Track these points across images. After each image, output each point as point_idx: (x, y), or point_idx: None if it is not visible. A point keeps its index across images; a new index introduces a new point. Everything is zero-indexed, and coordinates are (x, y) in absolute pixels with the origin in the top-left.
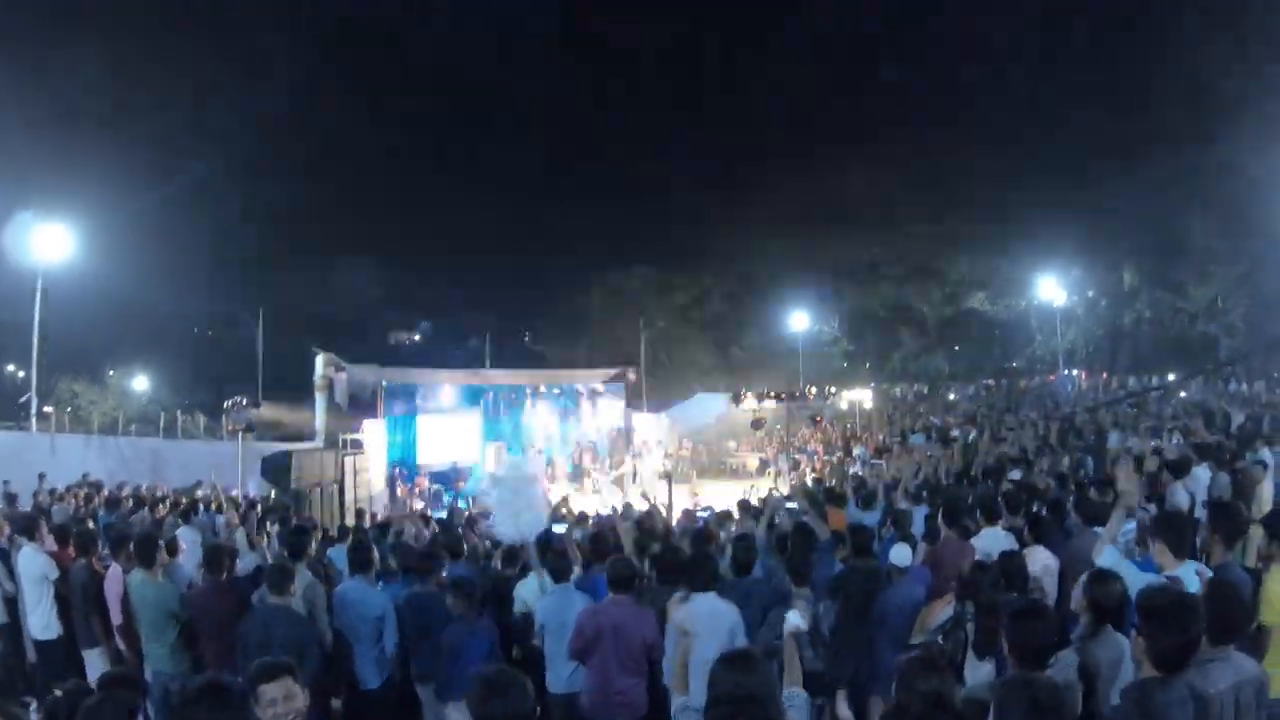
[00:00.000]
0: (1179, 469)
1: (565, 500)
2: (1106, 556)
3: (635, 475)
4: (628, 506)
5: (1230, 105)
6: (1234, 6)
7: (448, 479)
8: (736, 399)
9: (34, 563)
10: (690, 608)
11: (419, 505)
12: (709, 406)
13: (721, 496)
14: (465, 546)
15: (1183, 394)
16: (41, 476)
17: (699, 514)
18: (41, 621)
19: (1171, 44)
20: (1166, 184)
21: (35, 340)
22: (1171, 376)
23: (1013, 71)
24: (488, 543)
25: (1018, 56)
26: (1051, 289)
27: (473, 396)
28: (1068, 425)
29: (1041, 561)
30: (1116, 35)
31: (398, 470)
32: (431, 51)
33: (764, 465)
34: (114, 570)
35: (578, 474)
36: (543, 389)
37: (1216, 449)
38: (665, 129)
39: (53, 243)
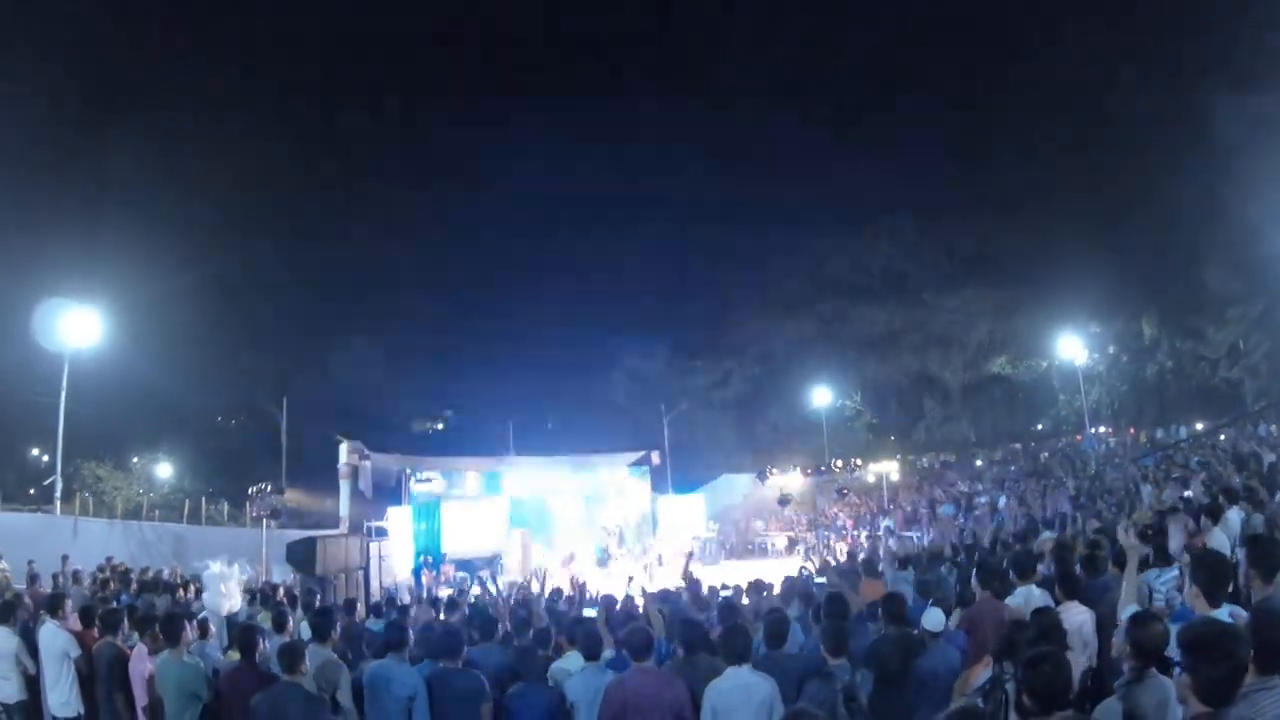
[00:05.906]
0: (1213, 514)
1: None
2: (1129, 612)
3: (662, 559)
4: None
5: (1233, 143)
6: (1234, 48)
7: (474, 567)
8: (762, 476)
9: (56, 639)
10: (723, 683)
11: (447, 593)
12: (735, 487)
13: (751, 577)
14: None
15: (1223, 437)
16: (65, 558)
17: (723, 592)
18: (62, 699)
19: (1173, 87)
20: (1176, 229)
21: (61, 423)
22: (1200, 425)
23: (1022, 138)
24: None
25: (1027, 126)
26: (1072, 348)
27: (497, 484)
28: (1098, 484)
29: (1077, 617)
30: (1117, 85)
31: (425, 558)
32: (452, 154)
33: (793, 543)
34: (139, 649)
35: (605, 559)
36: (568, 474)
37: (1248, 491)
38: (680, 212)
39: (81, 327)
